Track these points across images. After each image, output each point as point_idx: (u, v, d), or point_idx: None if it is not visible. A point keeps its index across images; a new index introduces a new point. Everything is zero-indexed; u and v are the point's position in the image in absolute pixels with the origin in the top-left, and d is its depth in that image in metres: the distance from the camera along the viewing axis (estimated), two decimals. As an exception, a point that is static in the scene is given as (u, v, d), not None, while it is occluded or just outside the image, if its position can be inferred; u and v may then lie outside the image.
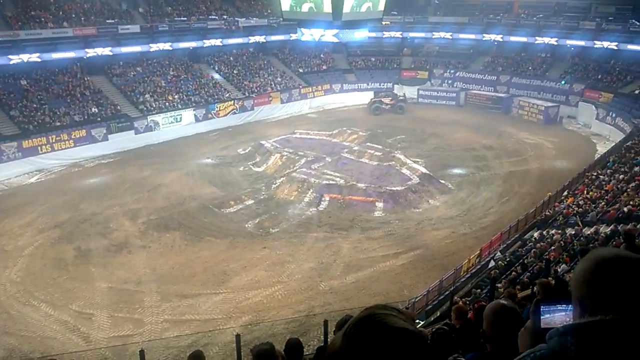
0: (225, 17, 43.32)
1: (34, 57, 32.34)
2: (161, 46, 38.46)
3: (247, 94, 39.74)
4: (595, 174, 23.38)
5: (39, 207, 23.17)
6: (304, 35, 25.22)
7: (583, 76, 40.15)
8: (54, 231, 20.84)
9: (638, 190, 18.88)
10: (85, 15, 36.87)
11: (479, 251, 17.76)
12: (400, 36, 48.42)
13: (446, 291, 15.18)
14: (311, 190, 23.91)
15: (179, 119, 34.98)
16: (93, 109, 32.55)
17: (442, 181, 25.78)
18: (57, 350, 13.69)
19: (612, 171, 22.77)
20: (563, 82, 40.16)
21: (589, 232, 16.36)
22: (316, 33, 24.11)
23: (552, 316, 2.10)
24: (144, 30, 38.20)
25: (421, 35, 48.26)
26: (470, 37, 46.32)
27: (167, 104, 35.45)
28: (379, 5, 22.12)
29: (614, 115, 34.10)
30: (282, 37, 45.14)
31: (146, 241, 20.02)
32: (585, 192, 21.22)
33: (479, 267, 17.27)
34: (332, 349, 1.14)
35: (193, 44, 40.54)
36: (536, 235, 18.41)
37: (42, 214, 22.48)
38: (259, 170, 27.90)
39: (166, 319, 15.19)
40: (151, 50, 38.13)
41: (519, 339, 2.21)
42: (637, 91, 35.68)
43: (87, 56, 35.04)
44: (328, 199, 23.32)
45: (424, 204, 23.42)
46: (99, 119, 32.07)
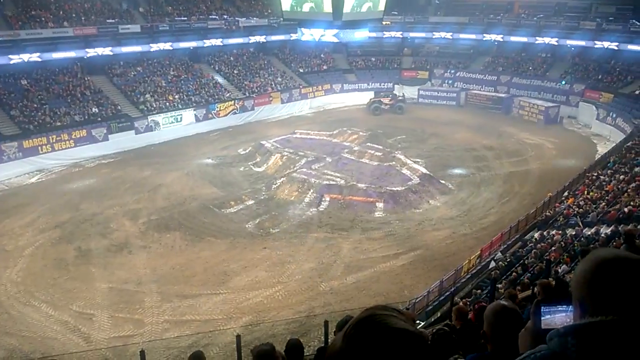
0: (225, 17, 43.33)
1: (35, 57, 32.36)
2: (161, 46, 38.48)
3: (247, 94, 39.75)
4: (595, 174, 23.37)
5: (40, 207, 23.19)
6: (304, 35, 25.24)
7: (583, 76, 40.13)
8: (55, 231, 20.85)
9: (638, 190, 18.86)
10: (85, 15, 36.90)
11: (479, 252, 17.76)
12: (400, 36, 48.41)
13: (447, 292, 15.18)
14: (311, 191, 23.90)
15: (179, 119, 35.00)
16: (93, 109, 32.57)
17: (443, 181, 25.78)
18: (57, 350, 13.69)
19: (612, 172, 22.75)
20: (563, 82, 40.14)
21: (589, 233, 16.35)
22: (316, 33, 24.13)
23: (552, 317, 2.10)
24: (144, 30, 38.22)
25: (421, 35, 48.24)
26: (470, 37, 46.31)
27: (167, 104, 35.46)
28: (379, 5, 22.13)
29: (614, 116, 34.07)
30: (283, 37, 45.14)
31: (146, 241, 20.03)
32: (586, 192, 21.21)
33: (479, 267, 17.25)
34: (332, 350, 1.14)
35: (193, 43, 40.57)
36: (537, 235, 18.39)
37: (42, 214, 22.49)
38: (260, 170, 27.89)
39: (166, 320, 15.19)
40: (151, 50, 38.15)
41: (519, 340, 2.21)
42: (637, 91, 35.64)
43: (88, 56, 35.06)
44: (328, 199, 23.31)
45: (425, 205, 23.43)
46: (99, 119, 32.08)
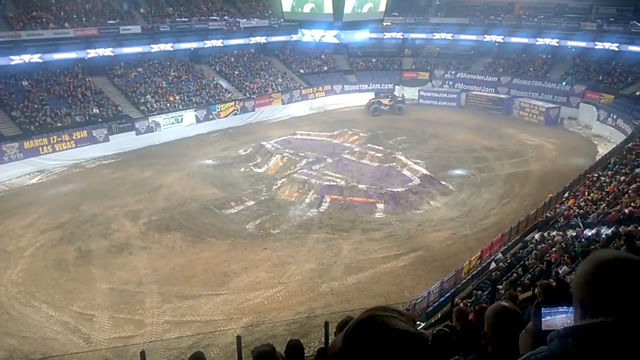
0: (226, 17, 43.36)
1: (36, 58, 32.37)
2: (162, 47, 38.48)
3: (248, 94, 39.78)
4: (596, 175, 23.35)
5: (40, 207, 23.20)
6: (304, 36, 25.22)
7: (584, 77, 40.13)
8: (55, 232, 20.85)
9: (639, 191, 18.84)
10: (86, 15, 36.94)
11: (479, 253, 17.74)
12: (401, 37, 48.40)
13: (447, 293, 15.15)
14: (312, 192, 23.89)
15: (180, 120, 35.01)
16: (94, 110, 32.59)
17: (443, 182, 25.77)
18: (58, 351, 13.69)
19: (613, 172, 22.72)
20: (564, 83, 40.13)
21: (590, 234, 16.33)
22: (316, 34, 24.10)
23: (553, 318, 2.10)
24: (145, 31, 38.22)
25: (422, 36, 48.22)
26: (471, 38, 46.28)
27: (168, 104, 35.48)
28: (379, 6, 22.13)
29: (615, 117, 34.06)
30: (283, 38, 45.15)
31: (147, 242, 20.02)
32: (586, 193, 21.18)
33: (479, 268, 17.23)
34: (332, 351, 1.14)
35: (194, 44, 40.58)
36: (537, 236, 18.37)
37: (43, 214, 22.50)
38: (260, 171, 27.89)
39: (167, 320, 15.18)
40: (152, 51, 38.15)
41: (520, 341, 2.21)
42: (638, 92, 35.61)
43: (89, 57, 35.06)
44: (329, 200, 23.31)
45: (425, 205, 23.42)
46: (100, 120, 32.10)
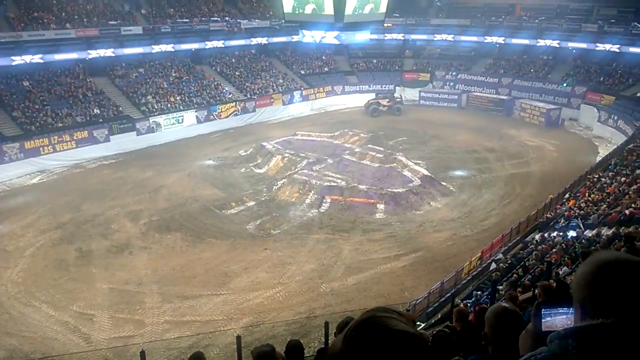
0: (227, 18, 43.39)
1: (37, 58, 32.39)
2: (163, 47, 38.50)
3: (249, 95, 39.80)
4: (597, 176, 23.33)
5: (41, 208, 23.21)
6: (305, 37, 25.26)
7: (585, 79, 40.11)
8: (56, 232, 20.86)
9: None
10: (87, 16, 36.96)
11: (480, 253, 17.73)
12: (402, 38, 48.40)
13: (447, 293, 15.15)
14: (312, 192, 23.89)
15: (180, 121, 35.03)
16: (95, 110, 32.61)
17: (444, 183, 25.76)
18: (58, 351, 13.70)
19: (613, 174, 22.71)
20: (565, 85, 40.12)
21: (590, 235, 16.31)
22: (317, 35, 24.15)
23: (553, 319, 2.10)
24: (146, 31, 38.24)
25: (423, 37, 48.22)
26: (472, 39, 46.24)
27: (169, 105, 35.49)
28: (380, 7, 22.16)
29: (615, 118, 34.04)
30: (284, 39, 45.17)
31: (147, 242, 20.03)
32: (587, 194, 21.16)
33: (480, 269, 17.22)
34: (332, 352, 1.14)
35: (195, 45, 40.61)
36: (538, 237, 18.36)
37: (43, 214, 22.51)
38: (261, 171, 27.89)
39: (167, 320, 15.18)
40: (153, 51, 38.18)
41: (520, 342, 2.21)
42: (638, 94, 35.59)
43: (90, 57, 35.09)
44: (329, 200, 23.30)
45: (425, 206, 23.41)
46: (101, 120, 32.11)
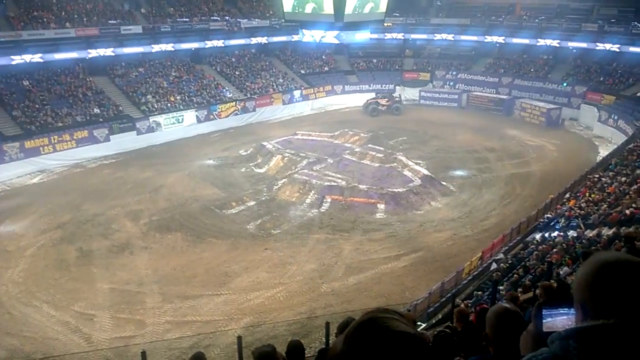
0: (227, 18, 43.39)
1: (37, 58, 32.40)
2: (163, 47, 38.50)
3: (249, 95, 39.80)
4: (597, 176, 23.31)
5: (41, 207, 23.20)
6: (305, 37, 25.27)
7: (585, 78, 40.08)
8: (56, 232, 20.86)
9: (640, 192, 18.82)
10: (87, 15, 36.97)
11: (480, 253, 17.71)
12: (402, 38, 48.38)
13: (448, 293, 15.13)
14: (313, 192, 23.89)
15: (180, 120, 35.02)
16: (95, 110, 32.61)
17: (444, 183, 25.75)
18: (58, 351, 13.69)
19: (614, 174, 22.69)
20: (565, 84, 40.09)
21: (591, 235, 16.30)
22: (317, 34, 24.16)
23: (554, 320, 2.10)
24: (146, 31, 38.25)
25: (423, 36, 48.19)
26: (472, 38, 46.23)
27: (169, 104, 35.49)
28: (380, 7, 22.16)
29: (616, 118, 34.01)
30: (284, 39, 45.19)
31: (148, 242, 20.03)
32: (588, 194, 21.15)
33: (480, 269, 17.19)
34: (333, 352, 1.14)
35: (195, 44, 40.62)
36: (538, 237, 18.34)
37: (44, 214, 22.51)
38: (261, 171, 27.89)
39: (168, 320, 15.18)
40: (153, 51, 38.18)
41: (521, 343, 2.21)
42: (639, 93, 35.59)
43: (90, 57, 35.10)
44: (330, 200, 23.30)
45: (426, 206, 23.40)
46: (101, 120, 32.11)
